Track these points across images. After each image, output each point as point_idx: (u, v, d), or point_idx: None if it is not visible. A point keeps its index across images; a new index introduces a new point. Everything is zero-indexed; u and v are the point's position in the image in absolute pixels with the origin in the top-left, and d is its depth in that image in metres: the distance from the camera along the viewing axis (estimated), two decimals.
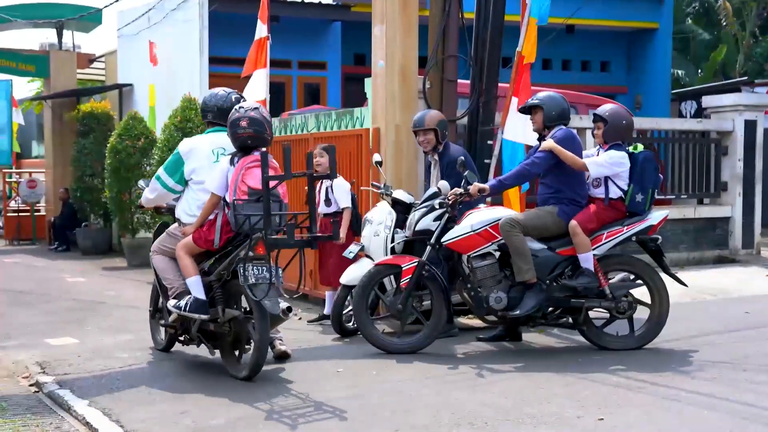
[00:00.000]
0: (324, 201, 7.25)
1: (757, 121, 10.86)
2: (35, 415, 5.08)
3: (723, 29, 22.13)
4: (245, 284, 5.25)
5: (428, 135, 6.79)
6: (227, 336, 5.68)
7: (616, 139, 6.26)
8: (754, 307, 7.88)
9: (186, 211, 5.80)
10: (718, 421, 4.54)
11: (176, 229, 5.92)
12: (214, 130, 5.94)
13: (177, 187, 5.87)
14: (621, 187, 6.18)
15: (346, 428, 4.51)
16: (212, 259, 5.70)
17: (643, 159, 6.21)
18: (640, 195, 6.16)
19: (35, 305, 9.15)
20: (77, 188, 15.12)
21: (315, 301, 8.64)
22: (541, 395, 5.06)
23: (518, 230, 6.02)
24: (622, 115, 6.34)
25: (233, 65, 14.62)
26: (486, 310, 6.17)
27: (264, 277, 5.26)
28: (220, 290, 5.65)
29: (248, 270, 5.25)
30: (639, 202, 6.16)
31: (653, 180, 6.22)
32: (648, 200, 6.21)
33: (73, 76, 17.02)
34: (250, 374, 5.47)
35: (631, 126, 6.40)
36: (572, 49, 17.34)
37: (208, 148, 5.82)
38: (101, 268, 12.76)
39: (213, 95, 5.98)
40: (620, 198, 6.19)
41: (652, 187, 6.21)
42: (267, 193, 5.22)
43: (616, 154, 6.18)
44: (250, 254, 5.29)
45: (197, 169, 5.77)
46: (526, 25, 7.38)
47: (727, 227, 10.81)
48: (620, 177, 6.18)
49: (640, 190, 6.17)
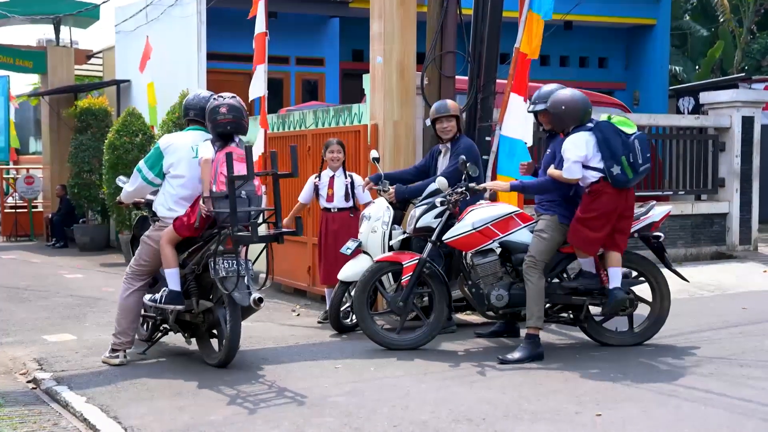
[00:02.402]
0: (343, 196, 7.28)
1: (755, 117, 10.86)
2: (33, 412, 5.08)
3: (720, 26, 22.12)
4: (216, 277, 5.51)
5: (451, 122, 6.78)
6: (202, 326, 5.94)
7: (568, 124, 5.86)
8: (751, 303, 7.90)
9: (163, 204, 5.93)
10: (716, 417, 4.55)
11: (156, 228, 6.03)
12: (195, 128, 6.09)
13: (156, 180, 6.01)
14: (597, 167, 5.74)
15: (346, 424, 4.51)
16: (186, 253, 5.85)
17: (600, 128, 5.73)
18: (615, 167, 5.67)
19: (33, 301, 9.15)
20: (75, 184, 15.10)
21: (314, 297, 8.65)
22: (540, 391, 5.07)
23: (539, 268, 5.86)
24: (561, 99, 5.87)
25: (231, 61, 14.66)
26: (487, 306, 6.17)
27: (233, 270, 5.50)
28: (194, 282, 5.87)
29: (219, 264, 5.50)
30: (618, 175, 5.67)
31: (622, 146, 5.67)
32: (627, 169, 5.66)
33: (70, 72, 16.98)
34: (224, 362, 5.72)
35: (578, 105, 5.83)
36: (570, 46, 17.34)
37: (188, 144, 5.95)
38: (99, 264, 12.76)
39: (196, 95, 6.21)
40: (602, 179, 5.74)
41: (623, 154, 5.67)
42: (232, 191, 5.41)
43: (569, 139, 5.78)
44: (220, 248, 5.52)
45: (175, 164, 5.91)
46: (525, 21, 7.37)
47: (725, 223, 10.82)
48: (593, 157, 5.73)
49: (612, 162, 5.67)
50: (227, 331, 5.61)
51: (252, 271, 5.75)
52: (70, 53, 17.07)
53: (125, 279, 6.08)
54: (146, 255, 6.00)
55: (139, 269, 6.04)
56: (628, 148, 5.69)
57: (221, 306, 5.71)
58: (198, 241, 5.83)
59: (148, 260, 6.00)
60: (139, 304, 6.06)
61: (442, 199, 6.27)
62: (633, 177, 5.72)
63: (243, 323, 5.80)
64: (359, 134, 7.99)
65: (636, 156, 5.70)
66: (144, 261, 6.02)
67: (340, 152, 7.29)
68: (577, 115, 5.85)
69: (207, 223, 5.79)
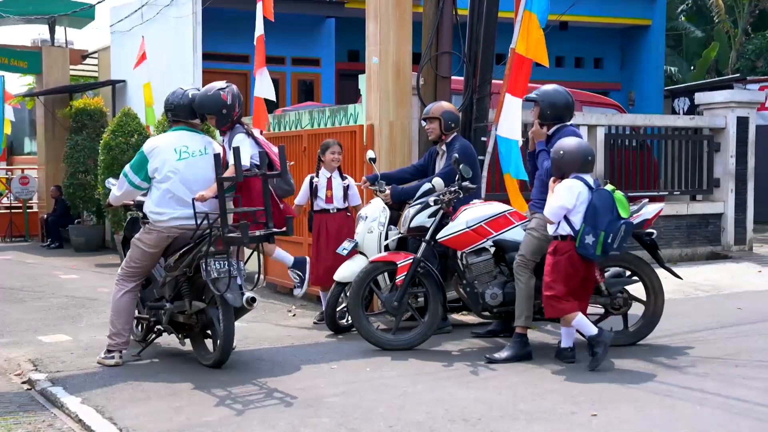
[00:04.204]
0: (341, 197, 7.35)
1: (749, 117, 10.89)
2: (27, 413, 5.07)
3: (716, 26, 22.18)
4: (207, 279, 5.50)
5: (432, 123, 6.88)
6: (195, 326, 5.94)
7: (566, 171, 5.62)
8: (746, 303, 7.92)
9: (151, 208, 5.93)
10: (711, 417, 4.56)
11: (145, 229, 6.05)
12: (178, 128, 6.10)
13: (143, 184, 6.01)
14: (573, 223, 5.52)
15: (341, 424, 4.51)
16: (177, 254, 5.83)
17: (597, 197, 5.48)
18: (590, 236, 5.42)
19: (28, 302, 9.12)
20: (70, 185, 15.07)
21: (309, 298, 8.64)
22: (535, 391, 5.07)
23: (530, 268, 5.84)
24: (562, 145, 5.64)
25: (227, 61, 14.66)
26: (482, 306, 6.18)
27: (225, 271, 5.50)
28: (186, 284, 5.86)
29: (210, 265, 5.49)
30: (588, 244, 5.43)
31: (608, 223, 5.43)
32: (599, 244, 5.42)
33: (65, 72, 16.94)
34: (219, 362, 5.71)
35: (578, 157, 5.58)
36: (566, 46, 17.37)
37: (171, 147, 5.94)
38: (94, 264, 12.73)
39: (174, 94, 6.21)
40: (570, 236, 5.53)
41: (605, 230, 5.42)
42: (221, 192, 5.43)
43: (566, 182, 5.56)
44: (211, 249, 5.51)
45: (160, 168, 5.90)
46: (521, 21, 7.37)
47: (720, 223, 10.85)
48: (576, 211, 5.51)
49: (591, 230, 5.43)
50: (221, 332, 5.62)
51: (244, 272, 5.75)
52: (65, 53, 17.03)
53: (117, 280, 6.07)
54: (136, 257, 5.98)
55: (130, 270, 6.03)
56: (612, 229, 5.45)
57: (214, 307, 5.71)
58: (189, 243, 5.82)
59: (139, 262, 5.98)
60: (132, 305, 6.05)
61: (436, 198, 6.27)
62: (599, 255, 5.50)
63: (238, 324, 5.81)
64: (355, 135, 7.99)
65: (614, 240, 5.46)
66: (134, 263, 6.00)
67: (340, 153, 7.37)
68: (575, 166, 5.58)
69: None
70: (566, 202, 5.51)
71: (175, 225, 5.84)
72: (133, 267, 6.02)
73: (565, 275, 5.53)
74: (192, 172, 5.86)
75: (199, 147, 5.97)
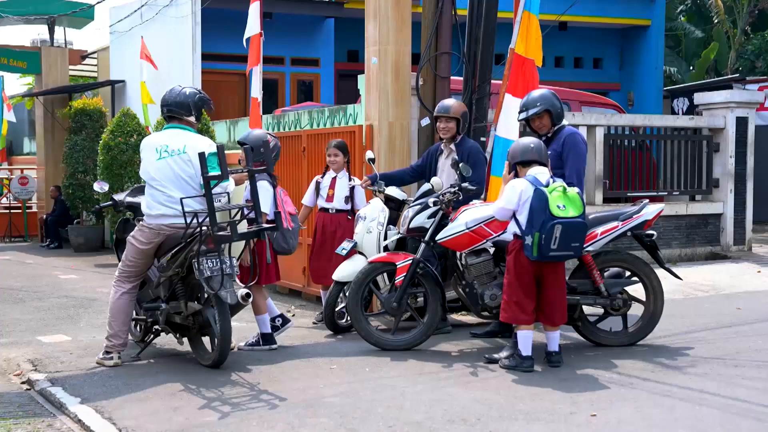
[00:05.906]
0: (343, 198, 7.31)
1: (749, 118, 10.90)
2: (27, 413, 5.07)
3: (715, 26, 22.18)
4: (201, 278, 5.49)
5: (450, 123, 6.79)
6: (192, 328, 5.94)
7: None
8: (745, 303, 7.92)
9: (143, 207, 5.99)
10: (710, 417, 4.56)
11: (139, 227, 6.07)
12: (169, 127, 6.10)
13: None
14: (520, 223, 5.51)
15: (340, 424, 4.51)
16: (168, 255, 5.82)
17: (535, 196, 5.37)
18: (528, 237, 5.38)
19: (27, 302, 9.12)
20: (69, 185, 15.08)
21: (309, 298, 8.64)
22: (534, 391, 5.08)
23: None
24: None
25: (226, 62, 14.66)
26: (481, 306, 6.18)
27: (218, 269, 5.49)
28: (181, 285, 5.86)
29: (203, 264, 5.48)
30: (527, 245, 5.39)
31: (541, 223, 5.30)
32: (534, 247, 5.32)
33: (65, 72, 16.94)
34: (218, 362, 5.71)
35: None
36: (565, 46, 17.39)
37: (153, 147, 5.96)
38: (93, 265, 12.73)
39: (172, 90, 6.19)
40: (516, 235, 5.57)
41: (539, 231, 5.30)
42: (209, 191, 5.41)
43: (513, 182, 5.58)
44: (203, 248, 5.50)
45: (145, 168, 5.97)
46: (520, 21, 7.37)
47: (719, 224, 10.85)
48: (521, 210, 5.49)
49: (528, 231, 5.39)
50: (218, 332, 5.60)
51: (237, 269, 5.74)
52: (65, 54, 17.03)
53: (114, 282, 6.07)
54: (132, 255, 5.97)
55: (127, 271, 6.02)
56: (544, 230, 5.31)
57: (209, 306, 5.70)
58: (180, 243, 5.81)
59: (134, 260, 5.98)
60: (130, 307, 6.05)
61: (435, 199, 6.27)
62: (536, 257, 5.39)
63: (237, 324, 5.80)
64: (354, 135, 7.99)
65: (549, 242, 5.30)
66: (130, 261, 5.99)
67: (337, 155, 7.30)
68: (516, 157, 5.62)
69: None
70: (506, 203, 5.58)
71: (164, 223, 5.83)
72: (129, 267, 6.01)
73: (515, 274, 5.56)
74: (170, 171, 5.83)
75: (179, 146, 5.88)
